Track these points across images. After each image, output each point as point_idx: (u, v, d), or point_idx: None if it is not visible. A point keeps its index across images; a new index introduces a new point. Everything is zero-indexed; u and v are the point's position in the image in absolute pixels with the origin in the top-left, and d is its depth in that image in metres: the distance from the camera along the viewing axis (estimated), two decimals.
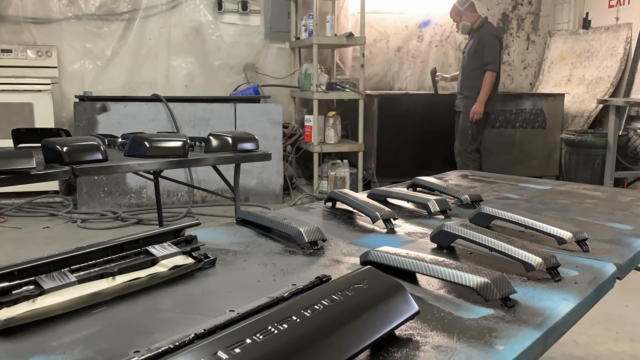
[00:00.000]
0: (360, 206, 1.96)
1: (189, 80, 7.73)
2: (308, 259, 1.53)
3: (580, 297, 1.31)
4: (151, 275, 1.28)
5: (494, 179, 2.98)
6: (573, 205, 2.31)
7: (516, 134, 7.74)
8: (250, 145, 3.49)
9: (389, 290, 1.08)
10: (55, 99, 6.82)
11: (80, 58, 7.34)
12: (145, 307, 1.20)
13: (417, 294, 1.26)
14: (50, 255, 1.24)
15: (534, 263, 1.38)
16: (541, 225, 1.69)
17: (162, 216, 4.58)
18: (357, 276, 1.10)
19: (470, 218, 1.86)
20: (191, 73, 7.73)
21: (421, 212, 2.09)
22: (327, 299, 0.99)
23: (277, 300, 1.04)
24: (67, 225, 5.89)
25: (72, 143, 2.84)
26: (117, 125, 6.29)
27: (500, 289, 1.21)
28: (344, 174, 7.28)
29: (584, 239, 1.66)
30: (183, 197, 6.70)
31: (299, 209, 2.20)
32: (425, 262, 1.29)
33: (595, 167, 7.14)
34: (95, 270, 1.24)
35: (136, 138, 3.17)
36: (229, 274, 1.41)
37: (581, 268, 1.50)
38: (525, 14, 9.12)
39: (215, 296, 1.27)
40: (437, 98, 7.57)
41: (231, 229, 1.82)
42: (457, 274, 1.23)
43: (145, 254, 1.35)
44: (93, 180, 6.41)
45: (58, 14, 7.21)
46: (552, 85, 8.76)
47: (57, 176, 2.69)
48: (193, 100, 6.86)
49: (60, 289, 1.14)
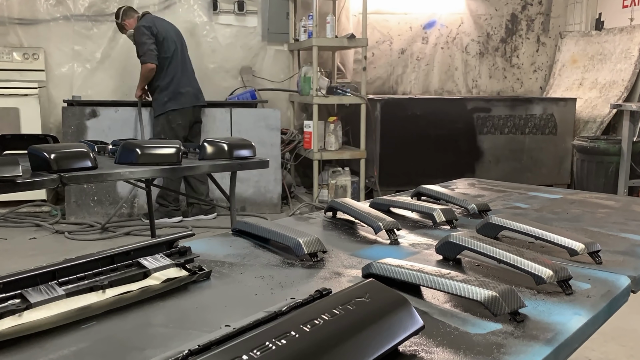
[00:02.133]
0: (362, 216, 1.96)
1: None
2: (307, 272, 1.53)
3: (593, 312, 1.31)
4: (143, 289, 1.29)
5: (503, 187, 2.98)
6: (585, 215, 2.32)
7: (526, 141, 7.75)
8: (246, 152, 3.49)
9: (392, 304, 1.08)
10: (43, 103, 6.84)
11: (68, 61, 7.35)
12: (137, 322, 1.20)
13: (422, 308, 1.26)
14: (37, 267, 1.24)
15: (545, 276, 1.38)
16: (552, 236, 1.69)
17: (154, 226, 4.59)
18: (358, 289, 1.10)
19: (477, 228, 1.87)
20: None
21: (426, 223, 2.09)
22: (327, 313, 0.99)
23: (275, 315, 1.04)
24: (55, 236, 5.89)
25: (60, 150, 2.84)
26: (107, 131, 6.29)
27: (509, 303, 1.21)
28: (345, 182, 7.28)
29: (597, 250, 1.66)
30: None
31: (298, 219, 2.20)
32: (430, 274, 1.29)
33: (608, 175, 7.14)
34: (84, 283, 1.24)
35: (127, 145, 3.17)
36: (225, 287, 1.41)
37: (594, 281, 1.50)
38: (535, 15, 9.13)
39: (210, 310, 1.27)
40: (443, 103, 7.58)
41: (227, 240, 1.82)
42: (463, 287, 1.23)
43: (137, 266, 1.35)
44: (82, 189, 6.41)
45: (45, 15, 7.23)
46: (563, 89, 8.77)
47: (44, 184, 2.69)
48: None
49: (47, 303, 1.14)
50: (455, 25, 8.72)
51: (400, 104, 7.44)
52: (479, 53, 8.90)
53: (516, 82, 9.16)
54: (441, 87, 8.79)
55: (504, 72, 9.08)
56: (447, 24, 8.68)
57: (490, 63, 8.99)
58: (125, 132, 6.29)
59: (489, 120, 7.58)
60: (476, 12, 8.81)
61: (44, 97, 6.96)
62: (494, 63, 9.01)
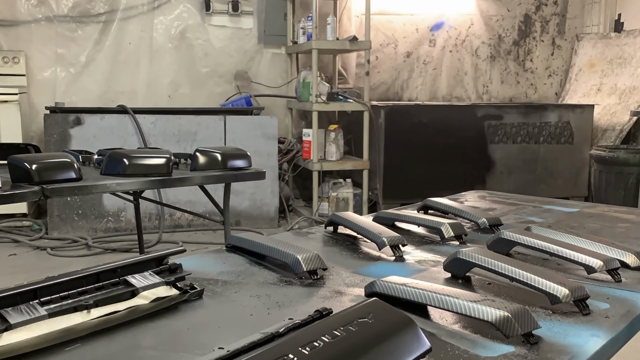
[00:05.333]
0: (365, 231, 1.96)
1: (173, 89, 7.75)
2: (306, 290, 1.54)
3: (612, 333, 1.31)
4: (131, 309, 1.29)
5: (515, 200, 2.98)
6: (604, 230, 2.32)
7: (540, 150, 7.76)
8: (241, 162, 3.50)
9: (397, 325, 1.08)
10: (23, 110, 6.85)
11: (51, 65, 7.36)
12: (125, 344, 1.20)
13: (429, 329, 1.26)
14: (18, 285, 1.24)
15: (560, 295, 1.38)
16: (568, 253, 1.69)
17: (142, 242, 4.59)
18: (361, 309, 1.10)
19: (488, 244, 1.87)
20: (175, 82, 7.75)
21: (433, 238, 2.10)
22: (327, 335, 0.99)
23: (272, 337, 1.04)
24: (36, 252, 5.88)
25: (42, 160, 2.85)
26: (92, 140, 6.30)
27: (522, 324, 1.21)
28: (347, 194, 7.29)
29: (616, 267, 1.67)
30: (166, 220, 6.70)
31: (296, 234, 2.20)
32: (437, 293, 1.29)
33: (628, 187, 7.15)
34: (68, 302, 1.25)
35: (114, 154, 3.18)
36: (218, 307, 1.42)
37: (613, 300, 1.50)
38: (550, 16, 9.16)
39: (202, 332, 1.27)
40: (452, 110, 7.60)
41: (220, 257, 1.82)
42: (473, 307, 1.24)
43: (124, 285, 1.35)
44: (66, 202, 6.41)
45: (26, 16, 7.24)
46: (580, 95, 8.79)
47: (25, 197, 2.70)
48: (178, 112, 6.89)
49: (29, 324, 1.14)
50: (464, 27, 8.75)
51: (406, 111, 7.45)
52: (490, 57, 8.92)
53: (530, 87, 9.18)
54: (449, 93, 8.81)
55: (516, 77, 9.10)
56: (455, 25, 8.71)
57: (502, 67, 9.01)
58: (112, 141, 6.29)
59: (500, 129, 7.59)
60: (487, 12, 8.83)
61: (24, 103, 6.97)
62: (506, 67, 9.03)
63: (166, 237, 6.38)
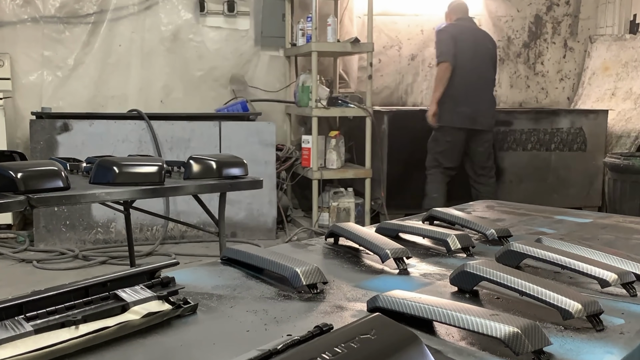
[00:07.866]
0: (368, 242, 1.96)
1: (166, 94, 7.76)
2: (306, 305, 1.54)
3: (627, 350, 1.31)
4: (121, 324, 1.29)
5: (526, 210, 2.99)
6: (618, 242, 2.32)
7: (551, 158, 7.77)
8: (237, 170, 3.50)
9: (401, 342, 1.09)
10: (8, 116, 6.85)
11: (37, 68, 7.38)
12: None
13: (435, 345, 1.27)
14: (2, 300, 1.24)
15: (573, 310, 1.38)
16: (581, 265, 1.69)
17: (133, 254, 4.58)
18: (363, 325, 1.10)
19: (497, 257, 1.87)
20: (168, 86, 7.77)
21: (439, 250, 2.10)
22: (328, 352, 0.99)
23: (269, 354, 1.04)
24: (22, 265, 5.88)
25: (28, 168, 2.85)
26: (80, 147, 6.30)
27: (533, 341, 1.21)
28: (348, 204, 7.29)
29: (632, 281, 1.67)
30: (158, 231, 6.70)
31: (295, 246, 2.21)
32: (444, 308, 1.30)
33: None
34: (55, 318, 1.25)
35: (103, 162, 3.18)
36: (213, 323, 1.42)
37: (628, 315, 1.50)
38: (561, 16, 9.17)
39: (196, 348, 1.27)
40: None
41: (215, 270, 1.82)
42: (481, 323, 1.24)
43: (114, 299, 1.35)
44: (53, 212, 6.41)
45: (11, 16, 7.26)
46: (594, 100, 8.80)
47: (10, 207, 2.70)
48: (170, 118, 6.89)
49: (13, 340, 1.14)
50: None
51: (410, 117, 7.44)
52: (499, 59, 8.91)
53: (540, 92, 9.19)
54: None
55: (526, 80, 9.12)
56: None
57: (511, 71, 9.02)
58: (102, 149, 6.27)
59: (510, 135, 7.59)
60: (495, 13, 8.85)
61: (9, 108, 6.98)
62: (515, 71, 9.04)
63: (158, 249, 6.38)
